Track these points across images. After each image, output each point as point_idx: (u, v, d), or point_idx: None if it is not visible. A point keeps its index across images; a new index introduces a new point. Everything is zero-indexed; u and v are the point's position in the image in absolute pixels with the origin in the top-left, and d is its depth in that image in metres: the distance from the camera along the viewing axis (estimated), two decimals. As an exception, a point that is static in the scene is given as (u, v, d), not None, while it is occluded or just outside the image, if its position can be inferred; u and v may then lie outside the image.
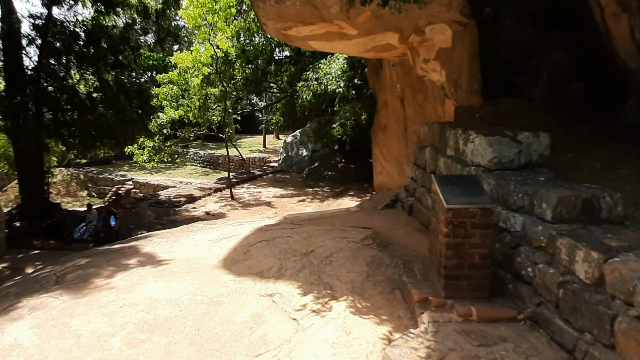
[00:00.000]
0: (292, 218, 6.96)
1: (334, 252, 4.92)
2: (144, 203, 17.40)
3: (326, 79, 17.82)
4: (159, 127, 19.57)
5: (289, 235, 5.74)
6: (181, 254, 5.59)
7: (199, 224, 7.11)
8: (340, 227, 6.06)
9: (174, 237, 6.36)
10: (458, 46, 10.81)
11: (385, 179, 17.92)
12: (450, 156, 5.52)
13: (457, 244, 3.33)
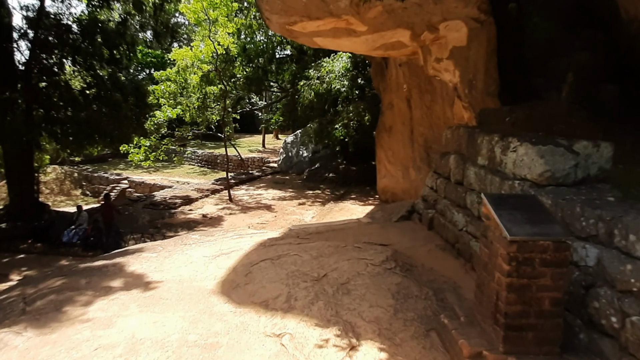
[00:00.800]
0: (298, 230, 6.20)
1: (351, 278, 4.16)
2: (138, 204, 16.58)
3: (329, 78, 17.05)
4: (155, 126, 18.74)
5: (296, 254, 4.97)
6: (173, 273, 4.82)
7: (194, 235, 6.34)
8: (353, 244, 5.30)
9: (166, 252, 5.58)
10: (474, 45, 10.06)
11: (389, 182, 17.18)
12: (482, 166, 4.78)
13: (521, 286, 2.58)
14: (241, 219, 15.44)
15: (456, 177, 5.40)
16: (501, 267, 2.65)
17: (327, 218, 14.86)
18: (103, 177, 27.87)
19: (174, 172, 29.90)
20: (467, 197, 4.96)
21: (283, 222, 14.86)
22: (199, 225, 14.63)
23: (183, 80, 21.65)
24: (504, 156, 4.40)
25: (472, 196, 4.83)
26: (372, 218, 6.77)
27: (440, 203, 5.78)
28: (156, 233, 13.68)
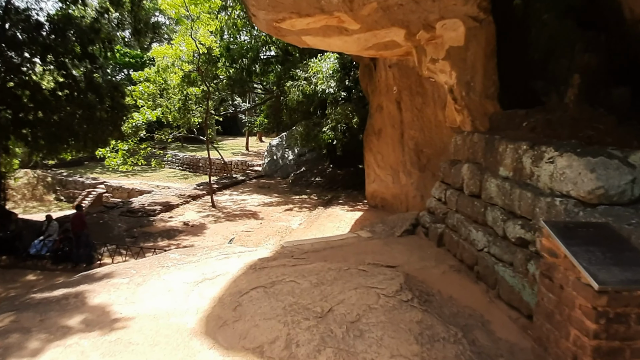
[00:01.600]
0: (292, 248, 5.47)
1: (362, 314, 3.47)
2: (114, 212, 15.57)
3: (316, 79, 16.35)
4: (133, 129, 17.74)
5: (292, 280, 4.25)
6: (147, 306, 4.04)
7: (174, 255, 5.56)
8: (357, 266, 4.61)
9: (139, 277, 4.79)
10: (472, 45, 9.50)
11: (378, 187, 16.57)
12: (505, 178, 4.16)
13: (612, 351, 1.93)
14: (225, 226, 14.60)
15: (471, 189, 4.76)
16: (583, 324, 1.98)
17: (315, 225, 14.15)
18: (78, 182, 26.61)
19: (153, 175, 28.77)
20: (488, 213, 4.32)
21: (269, 230, 14.10)
22: (180, 234, 13.74)
23: (163, 81, 20.71)
24: (535, 168, 3.76)
25: (495, 212, 4.19)
26: (372, 232, 6.09)
27: (451, 217, 5.14)
28: (133, 244, 12.75)
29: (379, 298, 3.71)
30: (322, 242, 5.66)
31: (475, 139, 5.02)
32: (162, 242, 13.06)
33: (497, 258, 4.02)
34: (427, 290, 4.04)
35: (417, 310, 3.52)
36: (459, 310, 3.72)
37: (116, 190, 25.15)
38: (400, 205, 15.36)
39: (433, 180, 14.49)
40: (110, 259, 11.16)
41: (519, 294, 3.63)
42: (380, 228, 6.16)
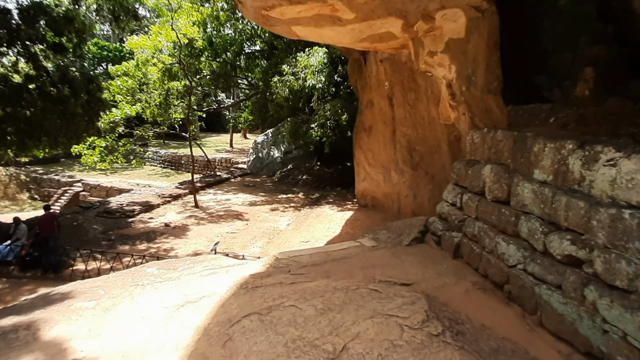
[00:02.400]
0: (288, 261, 4.73)
1: (384, 354, 2.76)
2: (89, 212, 14.54)
3: (304, 73, 15.57)
4: (111, 125, 16.69)
5: (293, 304, 3.52)
6: (115, 341, 3.26)
7: (150, 269, 4.76)
8: (367, 284, 3.91)
9: (108, 298, 3.99)
10: (473, 37, 8.87)
11: (369, 186, 15.91)
12: (543, 182, 3.51)
13: None
14: (209, 228, 13.75)
15: (495, 194, 4.10)
16: None
17: (304, 226, 13.42)
18: (54, 180, 25.28)
19: (133, 173, 27.59)
20: (522, 223, 3.67)
21: (256, 232, 13.31)
22: (160, 237, 12.83)
23: (142, 75, 19.65)
24: (587, 171, 3.11)
25: (532, 223, 3.53)
26: (376, 240, 5.39)
27: (470, 225, 4.48)
28: (109, 247, 11.80)
29: (402, 331, 3.01)
30: (321, 254, 4.94)
31: (499, 136, 4.35)
32: (141, 245, 12.15)
33: (538, 278, 3.36)
34: (455, 317, 3.35)
35: (451, 348, 2.83)
36: (498, 346, 3.04)
37: (94, 189, 23.94)
38: (392, 205, 14.73)
39: (426, 179, 13.92)
40: (84, 265, 10.24)
41: (573, 326, 2.98)
42: (384, 235, 5.47)
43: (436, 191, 13.50)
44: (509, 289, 3.73)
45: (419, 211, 13.79)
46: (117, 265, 10.10)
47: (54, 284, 9.81)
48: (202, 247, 12.04)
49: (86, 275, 9.91)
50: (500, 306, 3.68)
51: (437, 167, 13.41)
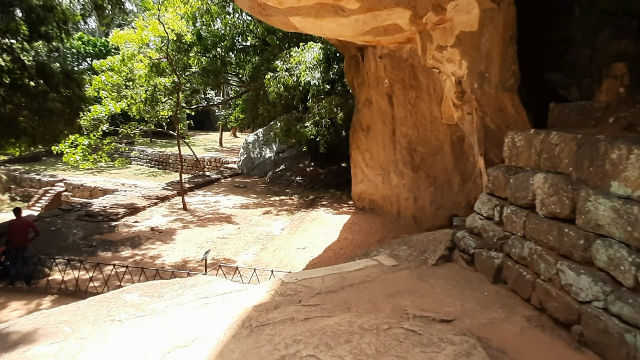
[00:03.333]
0: (297, 287, 3.90)
1: None
2: (70, 215, 13.50)
3: (298, 70, 14.72)
4: (94, 122, 15.64)
5: (312, 354, 2.71)
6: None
7: (131, 295, 3.89)
8: (399, 321, 3.12)
9: (76, 340, 3.13)
10: (487, 30, 8.14)
11: (367, 188, 15.13)
12: (627, 198, 2.76)
13: None
14: (198, 232, 12.83)
15: (552, 210, 3.35)
16: None
17: (299, 230, 12.59)
18: (35, 179, 24.02)
19: (119, 173, 26.42)
20: (597, 248, 2.91)
21: (248, 237, 12.44)
22: (146, 242, 11.88)
23: (128, 71, 18.60)
24: None
25: (613, 249, 2.78)
26: (395, 257, 4.60)
27: (516, 245, 3.72)
28: (91, 254, 10.83)
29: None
30: (335, 275, 4.12)
31: (554, 139, 3.58)
32: (125, 251, 11.20)
33: (628, 322, 2.61)
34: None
35: None
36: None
37: (77, 189, 22.76)
38: (391, 208, 13.98)
39: (427, 181, 13.18)
40: (61, 274, 9.27)
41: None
42: (405, 252, 4.68)
43: (438, 194, 12.78)
44: (580, 330, 2.96)
45: (420, 215, 13.06)
46: (98, 275, 9.16)
47: (26, 297, 8.84)
48: (190, 253, 11.14)
49: (63, 287, 8.96)
50: (571, 353, 2.91)
51: (439, 169, 12.69)
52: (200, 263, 10.44)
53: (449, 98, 11.53)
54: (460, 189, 12.16)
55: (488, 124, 9.13)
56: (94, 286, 8.91)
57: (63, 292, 8.86)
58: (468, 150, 12.04)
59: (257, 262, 10.06)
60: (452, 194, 12.33)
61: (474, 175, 11.92)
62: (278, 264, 9.91)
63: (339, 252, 10.69)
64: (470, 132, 11.43)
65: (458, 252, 4.53)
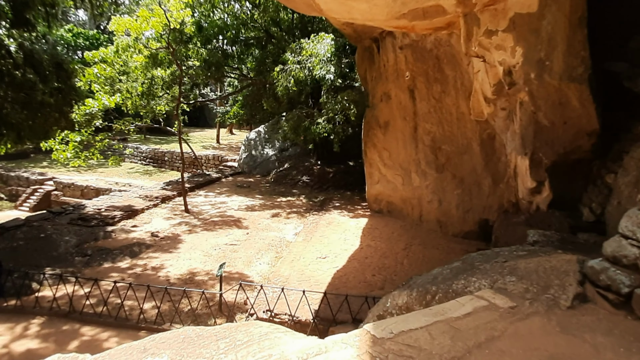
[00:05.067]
0: (396, 345, 2.71)
1: None
2: (61, 219, 12.13)
3: (311, 63, 13.49)
4: (87, 117, 14.24)
5: None
6: None
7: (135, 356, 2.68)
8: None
9: None
10: (550, 10, 7.01)
11: (384, 189, 13.97)
12: None
13: None
14: (204, 238, 11.57)
15: None
16: None
17: (316, 236, 11.39)
18: (22, 177, 22.44)
19: (112, 171, 24.92)
20: None
21: (260, 243, 11.22)
22: (147, 250, 10.59)
23: (123, 63, 17.20)
24: None
25: None
26: (504, 293, 3.43)
27: None
28: (85, 265, 9.51)
29: None
30: (442, 326, 2.95)
31: None
32: (123, 262, 9.90)
33: None
34: None
35: None
36: None
37: (67, 188, 21.24)
38: (412, 212, 12.85)
39: (453, 182, 12.04)
40: (51, 290, 7.98)
41: None
42: (516, 286, 3.52)
43: (466, 197, 11.68)
44: None
45: (446, 219, 11.94)
46: (95, 291, 7.88)
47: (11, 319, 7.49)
48: (197, 263, 9.89)
49: (54, 307, 7.66)
50: None
51: (466, 169, 11.58)
52: (210, 275, 9.20)
53: (479, 92, 10.40)
54: (492, 191, 11.07)
55: (541, 119, 8.03)
56: (90, 305, 7.63)
57: (54, 312, 7.57)
58: (499, 149, 10.94)
59: (274, 275, 8.86)
60: (482, 197, 11.23)
61: (506, 176, 10.83)
62: (300, 276, 8.71)
63: (365, 262, 9.53)
64: (502, 130, 10.32)
65: (593, 288, 3.38)
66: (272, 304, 6.87)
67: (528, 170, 8.91)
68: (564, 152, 8.03)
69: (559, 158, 8.18)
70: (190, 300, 7.66)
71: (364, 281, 8.57)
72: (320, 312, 6.67)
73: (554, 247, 4.97)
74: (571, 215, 8.45)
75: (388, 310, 4.90)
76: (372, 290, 8.14)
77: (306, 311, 6.82)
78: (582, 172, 8.57)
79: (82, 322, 7.36)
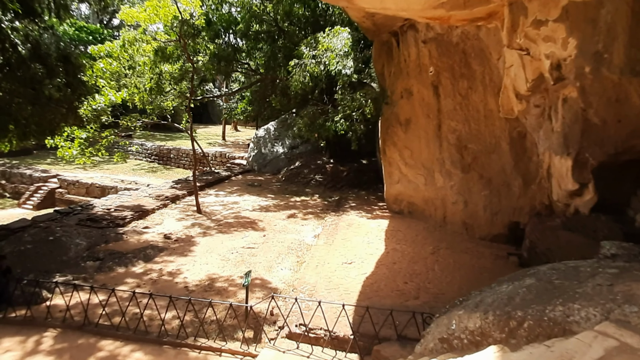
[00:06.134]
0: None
1: None
2: (69, 220, 11.51)
3: (327, 57, 12.84)
4: (94, 113, 13.59)
5: None
6: None
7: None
8: None
9: None
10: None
11: (405, 189, 13.36)
12: None
13: None
14: (219, 240, 10.97)
15: None
16: None
17: (338, 239, 10.80)
18: (26, 175, 21.79)
19: (117, 168, 24.27)
20: None
21: (278, 246, 10.63)
22: (160, 254, 9.99)
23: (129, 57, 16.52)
24: None
25: None
26: (633, 328, 2.84)
27: None
28: (98, 270, 8.89)
29: None
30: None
31: None
32: (137, 266, 9.30)
33: None
34: None
35: None
36: None
37: (72, 186, 20.60)
38: (435, 213, 12.25)
39: (480, 183, 11.40)
40: (63, 299, 7.38)
41: None
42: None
43: (494, 198, 11.07)
44: None
45: (472, 222, 11.34)
46: (110, 299, 7.27)
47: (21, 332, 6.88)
48: (215, 268, 9.29)
49: (67, 317, 7.05)
50: None
51: (495, 169, 10.98)
52: (230, 281, 8.61)
53: (509, 88, 9.77)
54: (522, 193, 10.48)
55: (590, 117, 7.42)
56: (106, 315, 7.03)
57: (68, 324, 6.96)
58: (531, 148, 10.33)
59: (300, 282, 8.27)
60: (512, 198, 10.64)
61: (538, 177, 10.23)
62: (327, 284, 8.12)
63: (394, 268, 8.95)
64: (535, 128, 9.71)
65: None
66: (306, 317, 6.27)
67: (570, 172, 8.31)
68: (615, 153, 7.43)
69: (608, 159, 7.59)
70: (215, 309, 7.05)
71: (397, 289, 7.99)
72: (360, 327, 6.07)
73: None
74: (619, 220, 7.87)
75: (455, 335, 4.30)
76: (407, 299, 7.57)
77: (344, 325, 6.23)
78: (631, 174, 8.00)
79: (98, 334, 6.75)
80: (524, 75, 8.86)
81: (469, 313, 4.28)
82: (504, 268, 9.20)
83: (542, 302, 3.71)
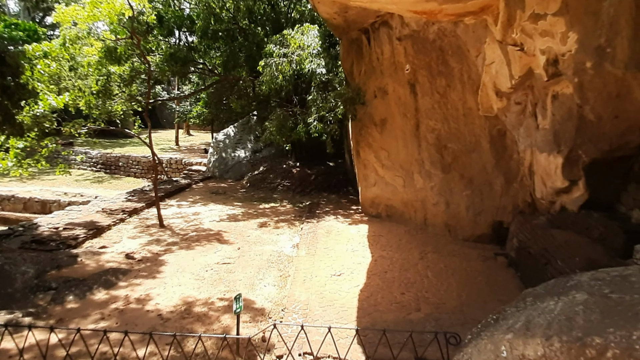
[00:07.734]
0: None
1: None
2: (11, 242, 9.99)
3: (298, 56, 12.16)
4: (35, 120, 12.01)
5: None
6: None
7: None
8: None
9: None
10: (612, -10, 6.22)
11: (382, 192, 12.90)
12: None
13: None
14: (190, 257, 9.94)
15: None
16: None
17: (320, 249, 10.14)
18: (-51, 191, 19.17)
19: (58, 179, 22.04)
20: None
21: (256, 260, 9.79)
22: (124, 277, 8.81)
23: (70, 58, 14.89)
24: None
25: None
26: None
27: None
28: (50, 303, 7.62)
29: None
30: None
31: None
32: (98, 294, 8.10)
33: None
34: None
35: None
36: None
37: (6, 201, 18.38)
38: (415, 215, 11.90)
39: (462, 183, 11.15)
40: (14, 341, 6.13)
41: None
42: None
43: (476, 198, 10.87)
44: None
45: (455, 223, 11.09)
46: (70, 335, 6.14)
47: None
48: (190, 290, 8.30)
49: (20, 366, 5.84)
50: None
51: (476, 168, 10.78)
52: (209, 304, 7.68)
53: (488, 86, 9.62)
54: (505, 191, 10.34)
55: (586, 114, 7.27)
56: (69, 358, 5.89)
57: (21, 374, 5.75)
58: (511, 146, 10.22)
59: (290, 301, 7.53)
60: (495, 197, 10.48)
61: (519, 175, 10.13)
62: (321, 300, 7.44)
63: (386, 278, 8.43)
64: (515, 126, 9.59)
65: None
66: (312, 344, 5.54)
67: (559, 169, 8.17)
68: (609, 149, 7.34)
69: (601, 155, 7.49)
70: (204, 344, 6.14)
71: (395, 302, 7.46)
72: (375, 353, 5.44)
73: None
74: (613, 217, 7.81)
75: (510, 363, 3.76)
76: (409, 312, 7.06)
77: (353, 350, 5.57)
78: (620, 170, 7.98)
79: (60, 385, 5.64)
80: (508, 72, 8.66)
81: (523, 338, 3.75)
82: (496, 270, 8.98)
83: (618, 324, 3.26)
